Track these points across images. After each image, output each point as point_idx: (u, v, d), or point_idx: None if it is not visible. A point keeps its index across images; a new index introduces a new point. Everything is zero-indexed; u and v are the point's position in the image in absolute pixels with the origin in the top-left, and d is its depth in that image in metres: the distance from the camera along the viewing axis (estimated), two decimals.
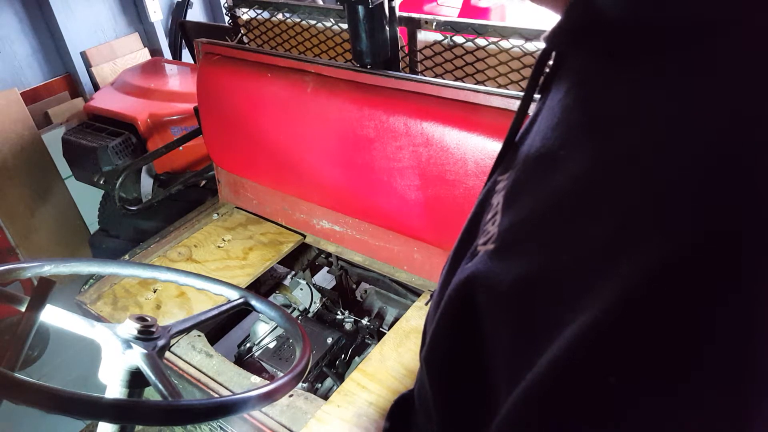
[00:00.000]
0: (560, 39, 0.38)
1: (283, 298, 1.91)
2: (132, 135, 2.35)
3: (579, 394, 0.27)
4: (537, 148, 0.38)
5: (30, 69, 2.92)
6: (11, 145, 2.65)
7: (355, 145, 1.43)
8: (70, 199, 2.91)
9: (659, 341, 0.25)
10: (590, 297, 0.27)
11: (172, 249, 1.77)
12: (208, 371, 1.34)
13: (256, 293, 0.99)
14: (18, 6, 2.82)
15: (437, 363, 0.45)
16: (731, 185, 0.24)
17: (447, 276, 0.47)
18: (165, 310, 1.52)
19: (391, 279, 1.68)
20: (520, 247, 0.36)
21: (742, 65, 0.26)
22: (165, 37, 3.42)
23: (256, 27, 1.84)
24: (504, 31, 1.31)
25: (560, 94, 0.37)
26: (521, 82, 1.35)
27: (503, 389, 0.34)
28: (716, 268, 0.24)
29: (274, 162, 1.68)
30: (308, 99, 1.50)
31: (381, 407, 1.21)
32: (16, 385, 0.59)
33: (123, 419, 0.67)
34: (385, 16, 1.37)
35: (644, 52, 0.30)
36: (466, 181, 1.27)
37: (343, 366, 1.66)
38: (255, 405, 0.72)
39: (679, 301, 0.25)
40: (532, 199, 0.37)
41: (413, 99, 1.34)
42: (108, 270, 0.97)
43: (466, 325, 0.39)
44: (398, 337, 1.38)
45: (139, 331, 0.76)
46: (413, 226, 1.44)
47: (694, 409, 0.25)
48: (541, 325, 0.31)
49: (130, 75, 2.69)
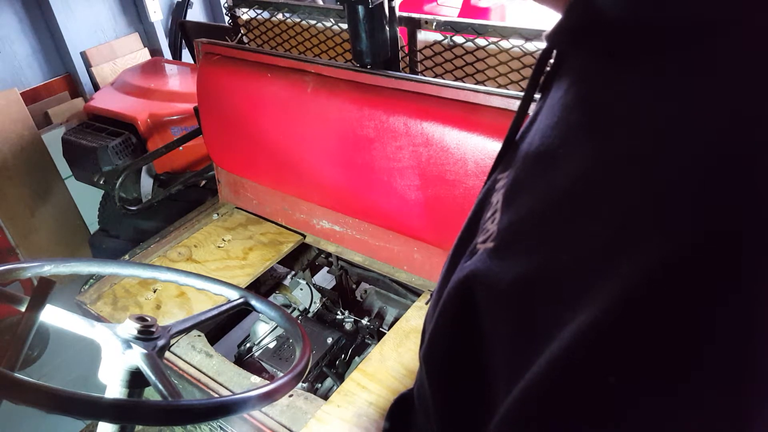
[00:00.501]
0: (561, 38, 0.38)
1: (283, 298, 1.91)
2: (132, 135, 2.35)
3: (578, 393, 0.27)
4: (537, 146, 0.38)
5: (30, 69, 2.92)
6: (11, 145, 2.65)
7: (355, 145, 1.43)
8: (70, 199, 2.91)
9: (659, 341, 0.25)
10: (590, 296, 0.27)
11: (172, 249, 1.77)
12: (208, 371, 1.34)
13: (256, 293, 0.99)
14: (18, 6, 2.82)
15: (436, 361, 0.45)
16: (731, 185, 0.24)
17: (446, 274, 0.47)
18: (165, 310, 1.52)
19: (391, 279, 1.68)
20: (520, 246, 0.36)
21: (742, 65, 0.26)
22: (165, 37, 3.42)
23: (256, 27, 1.84)
24: (504, 31, 1.31)
25: (560, 93, 0.37)
26: (521, 82, 1.35)
27: (502, 388, 0.34)
28: (716, 268, 0.24)
29: (274, 162, 1.68)
30: (308, 99, 1.50)
31: (381, 407, 1.21)
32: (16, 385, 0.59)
33: (123, 419, 0.67)
34: (385, 16, 1.37)
35: (644, 52, 0.30)
36: (466, 181, 1.27)
37: (343, 366, 1.66)
38: (255, 405, 0.72)
39: (679, 301, 0.25)
40: (532, 198, 0.37)
41: (413, 99, 1.34)
42: (108, 270, 0.97)
43: (465, 323, 0.39)
44: (398, 337, 1.38)
45: (139, 331, 0.76)
46: (413, 226, 1.44)
47: (694, 409, 0.25)
48: (541, 324, 0.31)
49: (130, 75, 2.69)
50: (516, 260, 0.35)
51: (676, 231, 0.25)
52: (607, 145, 0.30)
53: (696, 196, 0.25)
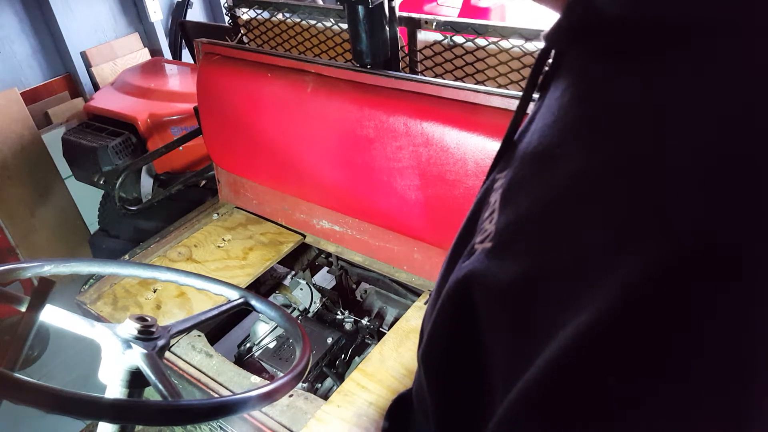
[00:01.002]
0: (559, 37, 0.38)
1: (283, 298, 1.91)
2: (132, 135, 2.35)
3: (578, 394, 0.27)
4: (535, 145, 0.38)
5: (30, 69, 2.92)
6: (11, 145, 2.65)
7: (355, 145, 1.43)
8: (70, 199, 2.91)
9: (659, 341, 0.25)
10: (589, 296, 0.27)
11: (172, 249, 1.77)
12: (208, 371, 1.34)
13: (256, 293, 0.99)
14: (18, 6, 2.82)
15: (434, 362, 0.45)
16: (731, 185, 0.24)
17: (445, 274, 0.47)
18: (165, 310, 1.52)
19: (391, 279, 1.68)
20: (518, 246, 0.36)
21: (741, 65, 0.26)
22: (165, 37, 3.42)
23: (256, 27, 1.84)
24: (504, 31, 1.31)
25: (558, 93, 0.37)
26: (521, 82, 1.35)
27: (500, 388, 0.34)
28: (716, 268, 0.24)
29: (274, 162, 1.68)
30: (308, 99, 1.50)
31: (381, 407, 1.21)
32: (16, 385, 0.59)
33: (123, 419, 0.67)
34: (385, 16, 1.37)
35: (643, 52, 0.30)
36: (466, 181, 1.27)
37: (343, 366, 1.66)
38: (255, 405, 0.72)
39: (679, 301, 0.25)
40: (530, 198, 0.37)
41: (413, 99, 1.34)
42: (108, 270, 0.97)
43: (464, 323, 0.39)
44: (398, 337, 1.38)
45: (139, 331, 0.76)
46: (413, 226, 1.44)
47: (694, 410, 0.25)
48: (539, 324, 0.31)
49: (130, 75, 2.69)
50: (514, 260, 0.35)
51: (676, 231, 0.25)
52: (607, 144, 0.30)
53: (696, 195, 0.25)
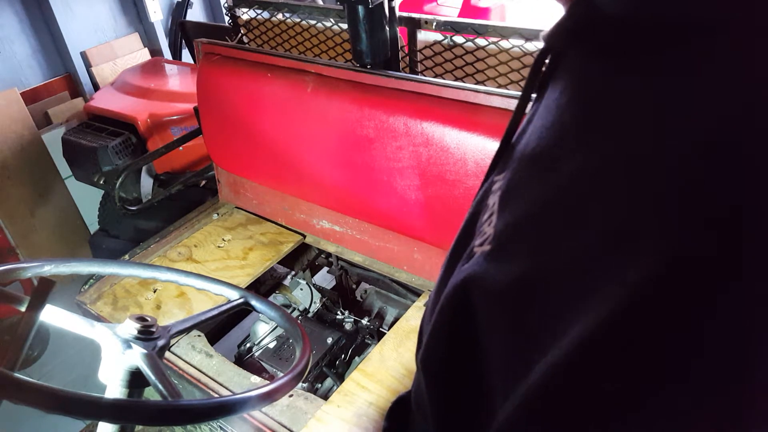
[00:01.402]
0: (558, 38, 0.38)
1: (283, 298, 1.91)
2: (132, 135, 2.35)
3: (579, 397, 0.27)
4: (533, 147, 0.38)
5: (30, 69, 2.92)
6: (11, 145, 2.65)
7: (355, 145, 1.43)
8: (70, 199, 2.91)
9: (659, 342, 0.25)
10: (589, 297, 0.27)
11: (172, 249, 1.77)
12: (208, 371, 1.34)
13: (256, 293, 0.99)
14: (18, 6, 2.81)
15: (434, 365, 0.45)
16: (731, 183, 0.24)
17: (444, 277, 0.46)
18: (165, 310, 1.52)
19: (391, 279, 1.68)
20: (516, 248, 0.36)
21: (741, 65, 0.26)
22: (165, 37, 3.42)
23: (256, 27, 1.84)
24: (504, 31, 1.31)
25: (557, 94, 0.37)
26: (521, 82, 1.35)
27: (500, 391, 0.34)
28: (716, 267, 0.24)
29: (274, 162, 1.68)
30: (308, 99, 1.50)
31: (381, 407, 1.21)
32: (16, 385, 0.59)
33: (123, 419, 0.67)
34: (385, 16, 1.37)
35: (642, 52, 0.30)
36: (466, 181, 1.27)
37: (343, 366, 1.65)
38: (255, 405, 0.72)
39: (679, 301, 0.25)
40: (528, 200, 0.36)
41: (413, 99, 1.34)
42: (108, 270, 0.97)
43: (463, 327, 0.39)
44: (398, 337, 1.38)
45: (139, 331, 0.76)
46: (413, 226, 1.44)
47: (694, 410, 0.25)
48: (539, 326, 0.31)
49: (130, 75, 2.69)
50: (513, 262, 0.35)
51: (677, 231, 0.25)
52: (606, 144, 0.30)
53: (696, 195, 0.25)
